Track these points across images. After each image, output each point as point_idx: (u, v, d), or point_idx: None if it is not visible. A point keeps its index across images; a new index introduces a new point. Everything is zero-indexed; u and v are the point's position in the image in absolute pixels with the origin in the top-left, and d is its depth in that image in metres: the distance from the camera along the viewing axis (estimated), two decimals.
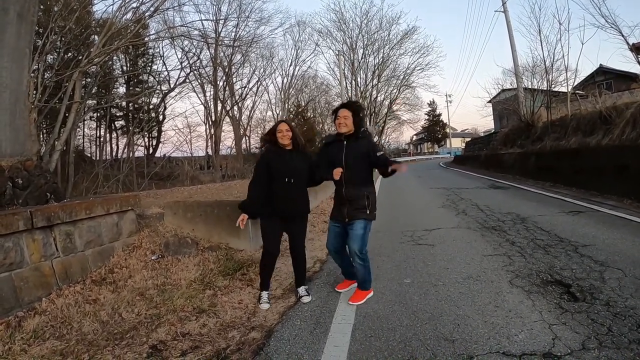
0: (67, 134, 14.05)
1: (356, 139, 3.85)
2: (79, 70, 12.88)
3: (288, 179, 3.81)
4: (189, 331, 3.35)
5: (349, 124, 3.81)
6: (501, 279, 4.14)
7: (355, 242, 3.75)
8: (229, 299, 4.02)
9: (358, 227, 3.77)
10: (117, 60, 26.12)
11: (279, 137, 3.91)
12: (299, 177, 3.89)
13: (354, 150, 3.80)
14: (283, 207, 3.83)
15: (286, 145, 3.92)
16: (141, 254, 5.18)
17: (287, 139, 3.91)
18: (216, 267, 4.81)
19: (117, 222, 5.33)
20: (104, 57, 14.50)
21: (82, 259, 4.78)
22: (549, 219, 6.79)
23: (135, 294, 4.17)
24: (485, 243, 5.57)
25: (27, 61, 5.75)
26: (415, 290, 3.98)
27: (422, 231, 6.57)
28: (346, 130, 3.82)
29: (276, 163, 3.86)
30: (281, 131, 3.93)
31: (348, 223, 3.80)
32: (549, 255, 4.79)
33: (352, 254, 3.80)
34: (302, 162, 3.95)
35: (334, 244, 4.00)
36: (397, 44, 39.01)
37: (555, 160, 13.11)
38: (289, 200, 3.84)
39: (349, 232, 3.81)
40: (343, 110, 3.86)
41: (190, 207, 6.00)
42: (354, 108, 3.92)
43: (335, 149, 3.88)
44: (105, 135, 28.06)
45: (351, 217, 3.78)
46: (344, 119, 3.80)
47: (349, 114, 3.81)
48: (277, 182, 3.82)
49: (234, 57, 29.94)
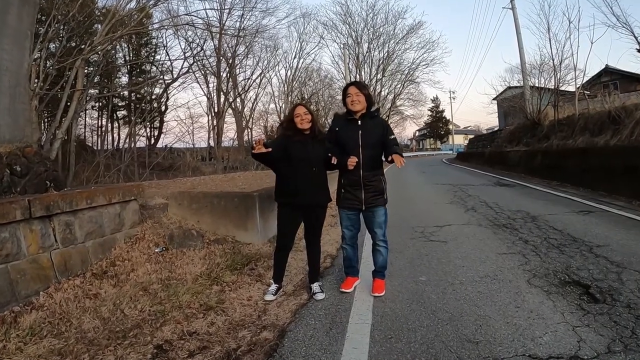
0: (69, 123, 13.86)
1: (371, 117, 3.69)
2: (82, 57, 12.70)
3: (315, 167, 3.65)
4: (196, 330, 3.15)
5: (362, 101, 3.63)
6: (519, 278, 3.98)
7: (380, 227, 3.69)
8: (237, 295, 3.83)
9: (380, 213, 3.68)
10: (120, 50, 26.04)
11: (297, 122, 3.67)
12: (321, 165, 3.71)
13: (370, 130, 3.63)
14: (306, 197, 3.65)
15: (306, 129, 3.69)
16: (144, 246, 5.00)
17: (307, 122, 3.68)
18: (223, 261, 4.63)
19: (119, 212, 5.15)
20: (106, 45, 14.33)
21: (83, 250, 4.59)
22: (559, 218, 6.65)
23: (138, 288, 3.98)
24: (498, 241, 5.42)
25: (29, 44, 5.56)
26: (432, 289, 3.80)
27: (433, 227, 6.42)
28: (360, 107, 3.64)
29: (298, 151, 3.65)
30: (299, 115, 3.69)
31: (366, 210, 3.67)
32: (564, 254, 4.65)
33: (377, 240, 3.73)
34: (321, 148, 3.71)
35: (350, 233, 3.83)
36: (402, 38, 38.74)
37: (562, 159, 12.95)
38: (313, 189, 3.67)
39: (370, 219, 3.71)
40: (353, 88, 3.68)
41: (196, 198, 5.81)
42: (363, 85, 3.80)
43: (348, 130, 3.68)
44: (106, 125, 27.99)
45: (371, 204, 3.64)
46: (357, 95, 3.61)
47: (362, 92, 3.64)
48: (300, 170, 3.63)
49: (237, 49, 29.70)
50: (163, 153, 25.93)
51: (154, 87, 28.35)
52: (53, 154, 11.96)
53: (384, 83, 40.08)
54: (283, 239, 3.80)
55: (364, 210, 3.68)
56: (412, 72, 40.51)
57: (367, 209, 3.66)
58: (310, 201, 3.69)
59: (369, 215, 3.70)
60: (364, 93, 3.63)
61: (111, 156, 22.14)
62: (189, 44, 26.21)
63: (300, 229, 3.92)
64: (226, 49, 29.13)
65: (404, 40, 38.81)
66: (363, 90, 3.66)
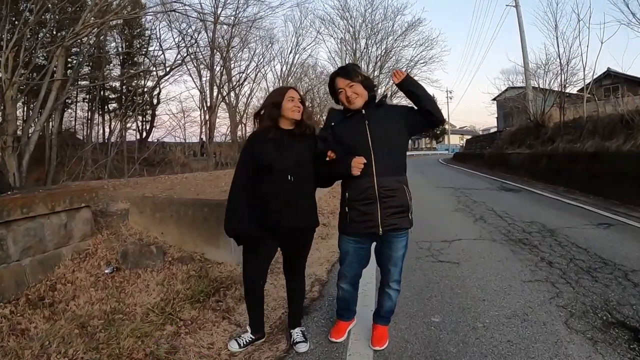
0: (47, 114, 12.98)
1: (377, 107, 2.69)
2: (63, 45, 11.77)
3: (290, 175, 2.62)
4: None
5: (361, 91, 2.63)
6: (554, 318, 3.18)
7: (396, 265, 2.70)
8: (195, 340, 2.95)
9: (401, 243, 2.66)
10: (112, 41, 25.33)
11: (287, 110, 2.68)
12: (305, 173, 2.69)
13: (383, 120, 2.63)
14: (278, 218, 2.63)
15: (291, 122, 2.72)
16: (94, 265, 4.12)
17: (298, 112, 2.69)
18: (184, 289, 3.72)
19: (65, 222, 4.26)
20: (89, 31, 13.39)
21: (18, 270, 3.73)
22: (580, 232, 5.90)
23: (75, 324, 3.11)
24: (518, 263, 4.60)
25: None
26: (450, 337, 2.95)
27: (441, 242, 5.56)
28: (362, 102, 2.64)
29: (270, 152, 2.62)
30: (292, 99, 2.69)
31: (384, 235, 2.60)
32: (598, 282, 3.90)
33: (390, 280, 2.74)
34: (307, 150, 2.71)
35: (356, 271, 2.83)
36: (401, 35, 37.91)
37: (569, 163, 12.26)
38: (289, 207, 2.64)
39: (385, 251, 2.69)
40: (341, 80, 2.65)
41: (160, 205, 4.89)
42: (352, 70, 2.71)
43: (350, 126, 2.64)
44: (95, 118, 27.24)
45: (391, 226, 2.56)
46: (350, 88, 2.61)
47: (355, 81, 2.63)
48: (271, 179, 2.63)
49: (232, 41, 28.78)
50: (153, 147, 25.31)
51: (147, 79, 27.83)
52: (31, 147, 11.12)
53: (381, 80, 39.20)
54: (250, 276, 2.85)
55: (382, 236, 2.61)
56: (410, 69, 39.68)
57: (386, 233, 2.59)
58: (286, 224, 2.67)
59: (385, 245, 2.68)
60: (357, 81, 2.63)
61: (99, 150, 21.49)
62: (183, 37, 25.37)
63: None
64: (220, 41, 28.26)
65: (402, 37, 37.99)
66: (355, 78, 2.64)
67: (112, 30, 22.23)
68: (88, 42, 17.29)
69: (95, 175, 16.55)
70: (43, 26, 14.33)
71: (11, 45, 9.79)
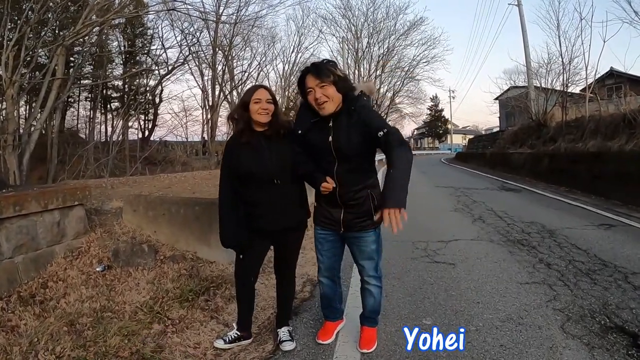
0: (48, 113, 13.01)
1: (349, 115, 2.42)
2: (63, 44, 11.78)
3: (276, 179, 2.57)
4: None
5: (332, 94, 2.37)
6: (550, 322, 3.10)
7: (370, 258, 2.63)
8: (182, 339, 2.91)
9: (368, 240, 2.58)
10: (114, 40, 25.35)
11: (253, 112, 2.57)
12: (289, 174, 2.62)
13: (351, 129, 2.40)
14: (266, 221, 2.62)
15: (261, 124, 2.60)
16: (86, 263, 4.11)
17: (266, 114, 2.57)
18: (174, 288, 3.68)
19: (58, 220, 4.24)
20: (90, 30, 13.38)
21: (10, 267, 3.74)
22: (580, 233, 5.82)
23: (64, 322, 3.10)
24: (516, 264, 4.53)
25: None
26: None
27: (437, 242, 5.50)
28: (333, 107, 2.40)
29: (248, 158, 2.58)
30: (259, 101, 2.56)
31: (347, 233, 2.60)
32: (597, 285, 3.81)
33: (366, 275, 2.68)
34: (287, 151, 2.61)
35: (329, 261, 2.76)
36: (403, 34, 37.77)
37: (571, 163, 12.15)
38: (278, 209, 2.61)
39: (355, 247, 2.64)
40: (311, 79, 2.41)
41: (153, 203, 4.86)
42: (325, 68, 2.41)
43: (316, 135, 2.50)
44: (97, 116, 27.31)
45: (352, 229, 2.56)
46: (320, 88, 2.36)
47: (326, 82, 2.37)
48: (255, 186, 2.60)
49: (234, 40, 28.75)
50: (155, 146, 25.32)
51: (149, 78, 27.78)
52: (31, 146, 11.14)
53: (383, 80, 39.11)
54: (241, 275, 2.82)
55: (344, 233, 2.61)
56: (413, 69, 39.60)
57: (348, 233, 2.61)
58: (274, 226, 2.65)
59: (352, 242, 2.65)
60: (329, 81, 2.37)
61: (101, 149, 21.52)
62: (185, 35, 25.38)
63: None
64: (223, 40, 28.24)
65: (404, 36, 37.82)
66: (326, 78, 2.37)
67: (114, 29, 22.26)
68: (89, 41, 17.31)
69: (96, 173, 16.54)
70: (45, 25, 14.30)
71: (12, 44, 9.80)
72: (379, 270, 2.69)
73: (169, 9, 15.48)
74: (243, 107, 2.61)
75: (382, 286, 2.75)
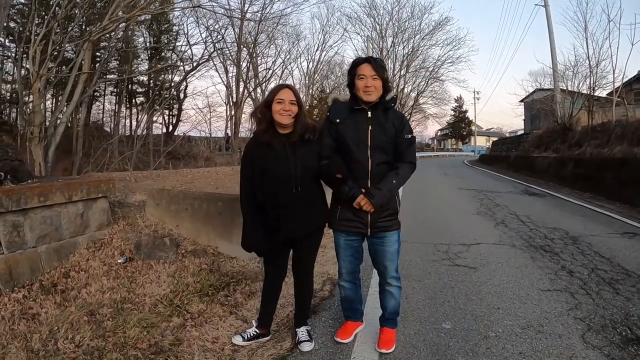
0: (74, 106, 13.27)
1: (385, 109, 2.60)
2: (89, 39, 11.98)
3: (295, 187, 2.52)
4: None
5: (379, 88, 2.54)
6: (571, 332, 3.02)
7: (392, 260, 2.68)
8: (200, 333, 2.93)
9: (392, 240, 2.64)
10: (140, 36, 25.72)
11: (275, 112, 2.51)
12: (311, 180, 2.61)
13: (383, 126, 2.56)
14: (290, 228, 2.58)
15: (285, 126, 2.55)
16: (108, 254, 4.18)
17: (289, 115, 2.52)
18: (194, 282, 3.72)
19: (82, 212, 4.32)
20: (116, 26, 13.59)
21: (33, 256, 3.82)
22: (603, 241, 5.65)
23: (85, 311, 3.17)
24: (538, 270, 4.43)
25: None
26: (459, 344, 2.84)
27: (459, 246, 5.42)
28: (375, 98, 2.54)
29: (271, 162, 2.53)
30: (282, 101, 2.51)
31: (373, 236, 2.64)
32: (619, 295, 3.69)
33: (387, 277, 2.71)
34: (312, 156, 2.58)
35: (351, 266, 2.80)
36: (428, 34, 37.42)
37: (596, 169, 11.84)
38: (298, 215, 2.57)
39: (378, 249, 2.68)
40: (367, 67, 2.53)
41: (175, 198, 4.91)
42: (381, 64, 2.59)
43: (354, 124, 2.57)
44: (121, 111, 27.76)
45: (378, 229, 2.60)
46: (373, 79, 2.51)
47: (379, 76, 2.53)
48: (276, 191, 2.54)
49: (259, 37, 28.92)
50: (178, 141, 25.57)
51: (174, 74, 28.12)
52: (57, 139, 11.40)
53: (407, 79, 38.86)
54: (272, 270, 2.87)
55: (370, 236, 2.66)
56: (437, 69, 39.25)
57: (374, 235, 2.64)
58: (296, 233, 2.62)
59: (375, 243, 2.68)
60: (381, 77, 2.53)
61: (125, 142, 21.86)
62: (210, 32, 25.62)
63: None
64: (247, 37, 28.42)
65: (429, 35, 37.49)
66: (381, 73, 2.53)
67: (139, 25, 22.58)
68: (115, 36, 17.61)
69: (120, 166, 16.81)
70: (71, 20, 14.58)
71: (39, 39, 10.01)
72: (398, 272, 2.74)
73: (194, 5, 15.69)
74: (266, 105, 2.57)
75: (401, 287, 2.78)
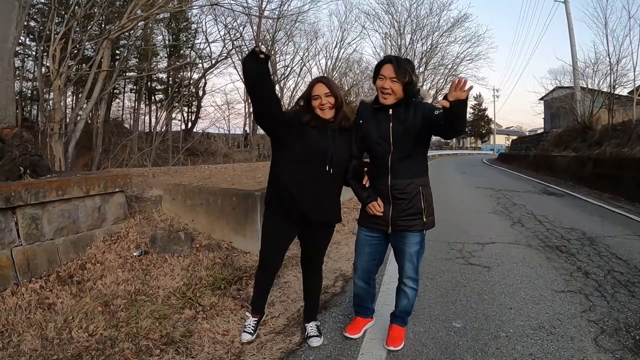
0: (93, 103, 13.51)
1: (407, 107, 2.54)
2: (109, 38, 12.18)
3: (328, 166, 2.53)
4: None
5: (398, 92, 2.48)
6: (583, 334, 2.97)
7: (411, 261, 2.63)
8: (211, 326, 2.97)
9: (414, 241, 2.60)
10: (159, 34, 26.00)
11: (315, 107, 2.56)
12: (341, 167, 2.61)
13: (406, 121, 2.52)
14: (305, 208, 2.54)
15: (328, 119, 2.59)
16: (124, 247, 4.27)
17: (328, 109, 2.56)
18: (207, 275, 3.78)
19: (99, 205, 4.41)
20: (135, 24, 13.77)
21: (51, 248, 3.92)
22: (621, 243, 5.55)
23: (99, 302, 3.25)
24: (553, 271, 4.37)
25: (16, 16, 4.84)
26: (469, 344, 2.82)
27: (474, 244, 5.37)
28: (392, 100, 2.51)
29: (313, 138, 2.56)
30: (318, 97, 2.54)
31: (395, 234, 2.63)
32: (634, 298, 3.62)
33: (405, 277, 2.68)
34: (345, 145, 2.63)
35: (368, 265, 2.78)
36: (447, 31, 37.07)
37: (616, 169, 11.60)
38: (318, 198, 2.56)
39: (398, 247, 2.66)
40: (388, 68, 2.47)
41: (191, 193, 4.97)
42: (404, 66, 2.47)
43: (376, 123, 2.58)
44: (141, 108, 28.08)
45: (400, 228, 2.58)
46: (391, 82, 2.46)
47: (399, 79, 2.45)
48: (306, 166, 2.53)
49: (277, 35, 29.03)
50: (197, 137, 25.83)
51: (193, 71, 28.27)
52: (77, 135, 11.64)
53: (426, 77, 38.54)
54: (267, 255, 2.81)
55: (391, 234, 2.64)
56: (456, 66, 38.84)
57: (396, 233, 2.62)
58: (310, 215, 2.57)
59: (397, 241, 2.65)
60: (401, 81, 2.45)
61: (144, 139, 22.15)
62: (228, 30, 25.80)
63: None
64: (265, 35, 28.56)
65: (448, 33, 37.10)
66: (401, 77, 2.45)
67: (158, 23, 22.83)
68: (134, 34, 17.82)
69: (139, 162, 17.07)
70: (91, 19, 14.83)
71: (59, 37, 10.21)
72: (417, 273, 2.69)
73: (212, 3, 15.81)
74: (305, 99, 2.63)
75: (417, 289, 2.74)
